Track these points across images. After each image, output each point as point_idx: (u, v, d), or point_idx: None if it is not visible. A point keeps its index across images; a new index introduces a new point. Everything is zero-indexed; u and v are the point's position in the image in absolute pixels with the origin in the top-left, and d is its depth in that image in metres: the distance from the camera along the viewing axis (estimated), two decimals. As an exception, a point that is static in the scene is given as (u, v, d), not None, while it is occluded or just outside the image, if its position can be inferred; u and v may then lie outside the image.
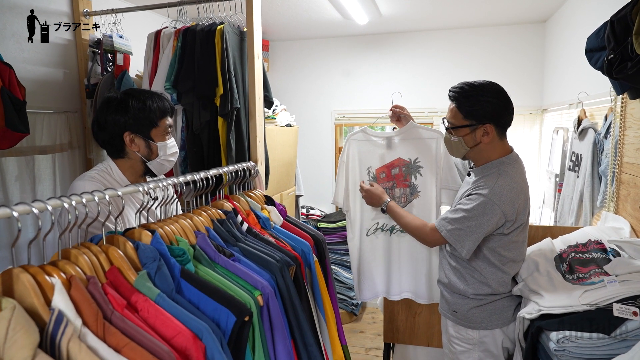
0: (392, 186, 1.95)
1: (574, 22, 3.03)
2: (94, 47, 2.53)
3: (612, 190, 2.01)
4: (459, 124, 1.59)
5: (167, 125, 1.51)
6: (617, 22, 1.45)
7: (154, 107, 1.46)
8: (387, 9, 3.36)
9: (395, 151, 1.93)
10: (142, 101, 1.44)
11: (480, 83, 1.57)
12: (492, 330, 1.63)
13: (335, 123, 4.37)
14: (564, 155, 2.84)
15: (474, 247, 1.55)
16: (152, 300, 0.83)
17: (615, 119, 1.99)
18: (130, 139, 1.45)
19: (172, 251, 0.99)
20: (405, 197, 1.94)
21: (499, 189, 1.51)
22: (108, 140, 1.48)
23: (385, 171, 1.95)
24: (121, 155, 1.49)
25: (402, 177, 1.93)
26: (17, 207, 0.74)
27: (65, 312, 0.70)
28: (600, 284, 1.39)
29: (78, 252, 0.83)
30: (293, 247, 1.35)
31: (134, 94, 1.46)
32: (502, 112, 1.56)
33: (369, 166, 1.96)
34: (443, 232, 1.59)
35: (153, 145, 1.48)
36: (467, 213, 1.54)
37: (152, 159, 1.50)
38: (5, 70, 1.71)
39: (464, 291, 1.65)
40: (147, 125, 1.46)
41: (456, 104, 1.59)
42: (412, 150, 1.91)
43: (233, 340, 0.90)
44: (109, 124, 1.44)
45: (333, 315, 1.43)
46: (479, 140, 1.57)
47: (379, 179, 1.96)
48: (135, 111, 1.43)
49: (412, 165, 1.92)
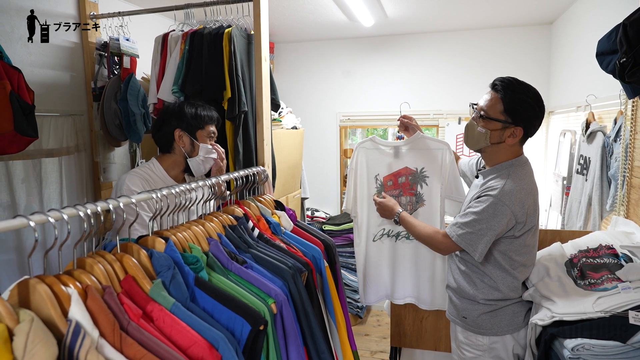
0: (398, 194, 1.98)
1: (582, 24, 3.01)
2: (100, 50, 2.52)
3: (622, 195, 1.99)
4: (495, 116, 1.54)
5: (211, 131, 1.79)
6: (630, 25, 1.44)
7: (204, 114, 1.75)
8: (393, 11, 3.35)
9: (403, 160, 1.97)
10: (195, 107, 1.75)
11: (528, 85, 1.55)
12: (502, 336, 1.61)
13: (340, 125, 4.36)
14: (571, 158, 2.82)
15: (486, 250, 1.54)
16: (168, 310, 0.82)
17: (626, 122, 1.98)
18: (179, 135, 1.72)
19: (185, 259, 0.98)
20: (411, 205, 1.97)
21: (508, 190, 1.50)
22: (162, 136, 1.75)
23: (392, 179, 1.99)
24: (169, 150, 1.76)
25: (409, 186, 1.96)
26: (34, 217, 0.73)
27: (82, 323, 0.69)
28: (613, 290, 1.37)
29: (93, 261, 0.82)
30: (304, 252, 1.34)
31: (189, 103, 1.78)
32: (537, 121, 1.55)
33: (377, 174, 2.00)
34: (454, 237, 1.58)
35: (196, 144, 1.74)
36: (477, 215, 1.52)
37: (193, 156, 1.74)
38: (15, 74, 1.71)
39: (474, 296, 1.63)
40: (195, 126, 1.73)
41: (501, 95, 1.53)
42: (419, 160, 1.94)
43: (248, 350, 0.89)
44: (165, 124, 1.73)
45: (344, 321, 1.42)
46: (504, 140, 1.55)
47: (386, 187, 1.99)
48: (189, 115, 1.72)
49: (418, 175, 1.95)
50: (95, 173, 2.59)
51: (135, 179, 1.63)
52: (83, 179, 2.50)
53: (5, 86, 1.66)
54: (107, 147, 2.63)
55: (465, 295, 1.67)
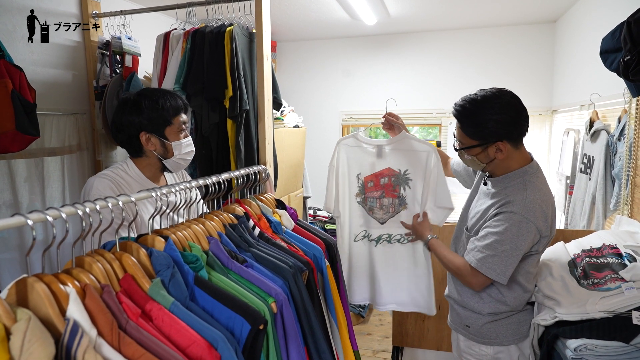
0: (380, 195, 1.88)
1: (585, 23, 2.99)
2: (102, 49, 2.53)
3: (626, 194, 1.98)
4: (468, 144, 1.47)
5: (181, 122, 1.53)
6: (635, 22, 1.43)
7: (167, 106, 1.48)
8: (395, 9, 3.34)
9: (385, 160, 1.86)
10: (154, 101, 1.47)
11: (485, 96, 1.42)
12: (507, 346, 1.52)
13: (343, 124, 4.35)
14: (575, 157, 2.81)
15: (510, 273, 1.40)
16: (167, 309, 0.82)
17: (630, 121, 1.96)
18: (146, 138, 1.49)
19: (185, 258, 0.97)
20: (393, 207, 1.87)
21: (531, 205, 1.37)
22: (126, 140, 1.51)
23: (374, 180, 1.89)
24: (140, 154, 1.53)
25: (391, 188, 1.86)
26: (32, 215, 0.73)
27: (81, 322, 0.68)
28: (617, 290, 1.36)
29: (92, 259, 0.81)
30: (305, 251, 1.34)
31: (146, 94, 1.49)
32: (512, 127, 1.41)
33: (358, 173, 1.89)
34: (473, 262, 1.44)
35: (168, 144, 1.51)
36: (499, 236, 1.38)
37: (168, 158, 1.53)
38: (16, 73, 1.71)
39: (479, 309, 1.53)
40: (161, 124, 1.49)
41: (459, 125, 1.48)
42: (403, 161, 1.84)
43: (247, 349, 0.88)
44: (125, 125, 1.48)
45: (345, 321, 1.41)
46: (493, 157, 1.45)
47: (367, 188, 1.89)
48: (149, 111, 1.46)
49: (401, 177, 1.85)
50: (97, 172, 2.58)
51: (104, 183, 1.43)
52: (85, 178, 2.50)
53: (7, 85, 1.67)
54: (110, 145, 2.63)
55: (469, 307, 1.57)
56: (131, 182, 1.49)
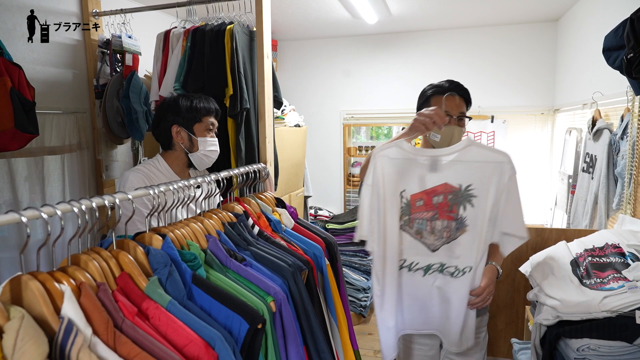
0: (432, 217, 1.49)
1: (587, 21, 2.97)
2: (102, 48, 2.52)
3: (629, 193, 1.96)
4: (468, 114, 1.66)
5: (210, 123, 1.73)
6: (638, 20, 1.41)
7: (200, 106, 1.70)
8: (397, 8, 3.32)
9: (442, 174, 1.47)
10: (190, 100, 1.69)
11: None
12: None
13: (344, 123, 4.34)
14: (577, 156, 2.79)
15: None
16: (164, 308, 0.81)
17: (633, 119, 1.95)
18: (176, 131, 1.69)
19: (183, 256, 0.96)
20: (448, 231, 1.48)
21: None
22: (161, 133, 1.72)
23: (425, 198, 1.49)
24: (170, 147, 1.73)
25: (447, 207, 1.48)
26: (26, 212, 0.72)
27: (75, 320, 0.68)
28: (620, 289, 1.35)
29: (88, 257, 0.81)
30: (305, 250, 1.33)
31: (186, 95, 1.72)
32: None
33: (403, 190, 1.49)
34: None
35: (194, 139, 1.70)
36: None
37: (193, 152, 1.71)
38: (15, 71, 1.70)
39: None
40: (191, 119, 1.69)
41: (465, 98, 1.65)
42: (466, 175, 1.46)
43: (246, 349, 0.87)
44: (162, 119, 1.70)
45: (345, 320, 1.40)
46: None
47: (414, 207, 1.50)
48: (184, 108, 1.68)
49: (462, 193, 1.46)
50: (97, 171, 2.59)
51: (138, 176, 1.62)
52: (85, 177, 2.50)
53: (6, 83, 1.66)
54: (110, 144, 2.62)
55: None
56: (160, 177, 1.68)
